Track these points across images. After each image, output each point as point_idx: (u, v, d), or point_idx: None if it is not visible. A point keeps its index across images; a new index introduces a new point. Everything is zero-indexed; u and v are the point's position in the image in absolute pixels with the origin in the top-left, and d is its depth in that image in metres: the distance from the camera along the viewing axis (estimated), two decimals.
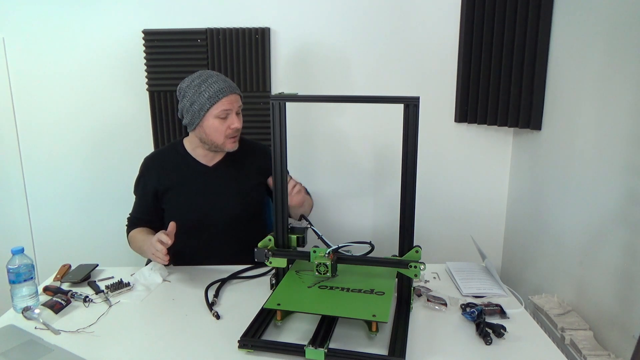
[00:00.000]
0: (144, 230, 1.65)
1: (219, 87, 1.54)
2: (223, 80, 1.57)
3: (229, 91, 1.55)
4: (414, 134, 1.16)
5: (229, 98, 1.55)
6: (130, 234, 1.68)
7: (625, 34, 1.43)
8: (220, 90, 1.54)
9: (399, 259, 1.23)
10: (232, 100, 1.56)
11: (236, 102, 1.58)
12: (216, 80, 1.55)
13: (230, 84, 1.58)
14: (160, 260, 1.39)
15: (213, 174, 1.66)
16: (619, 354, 1.40)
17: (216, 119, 1.55)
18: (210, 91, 1.53)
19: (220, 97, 1.53)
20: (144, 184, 1.68)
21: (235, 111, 1.58)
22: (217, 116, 1.55)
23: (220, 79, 1.57)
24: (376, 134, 2.23)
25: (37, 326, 1.22)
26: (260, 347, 1.10)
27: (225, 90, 1.54)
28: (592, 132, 1.59)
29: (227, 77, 1.61)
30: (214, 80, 1.55)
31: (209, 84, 1.54)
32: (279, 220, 1.32)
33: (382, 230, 2.33)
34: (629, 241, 1.40)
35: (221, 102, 1.54)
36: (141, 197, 1.69)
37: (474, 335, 1.16)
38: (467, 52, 2.07)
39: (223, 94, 1.54)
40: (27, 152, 2.26)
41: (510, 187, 2.25)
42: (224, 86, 1.55)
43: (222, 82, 1.55)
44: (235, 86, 1.59)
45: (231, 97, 1.56)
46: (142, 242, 1.56)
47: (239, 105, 1.59)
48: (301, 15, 2.11)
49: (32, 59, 2.16)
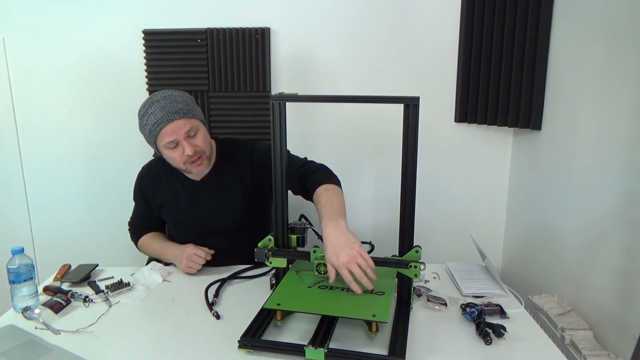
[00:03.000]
0: (158, 236, 1.69)
1: (156, 119, 1.40)
2: (161, 108, 1.40)
3: (166, 120, 1.39)
4: (414, 134, 1.16)
5: (169, 127, 1.40)
6: (141, 240, 1.70)
7: (625, 34, 1.43)
8: (157, 122, 1.40)
9: (399, 259, 1.23)
10: (175, 129, 1.40)
11: (181, 129, 1.41)
12: (154, 110, 1.40)
13: (169, 111, 1.40)
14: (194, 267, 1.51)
15: (202, 189, 1.60)
16: (619, 354, 1.40)
17: (167, 149, 1.45)
18: (150, 124, 1.41)
19: (158, 130, 1.41)
20: (142, 194, 1.67)
21: (184, 138, 1.42)
22: (166, 147, 1.44)
23: (159, 106, 1.40)
24: (376, 134, 2.23)
25: (37, 326, 1.22)
26: (260, 347, 1.10)
27: (162, 120, 1.39)
28: (592, 132, 1.59)
29: (173, 94, 1.45)
30: (152, 110, 1.40)
31: (149, 115, 1.41)
32: (279, 220, 1.32)
33: (382, 230, 2.33)
34: (629, 241, 1.40)
35: (161, 135, 1.41)
36: (140, 205, 1.70)
37: (474, 335, 1.16)
38: (467, 52, 2.07)
39: (160, 125, 1.40)
40: (27, 151, 2.26)
41: (510, 187, 2.25)
42: (161, 116, 1.39)
43: (159, 112, 1.39)
44: (176, 110, 1.41)
45: (171, 125, 1.40)
46: (160, 249, 1.62)
47: (186, 130, 1.42)
48: (301, 15, 2.11)
49: (32, 59, 2.16)
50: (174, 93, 1.46)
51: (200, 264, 1.51)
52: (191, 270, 1.51)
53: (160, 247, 1.62)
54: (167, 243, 1.64)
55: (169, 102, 1.42)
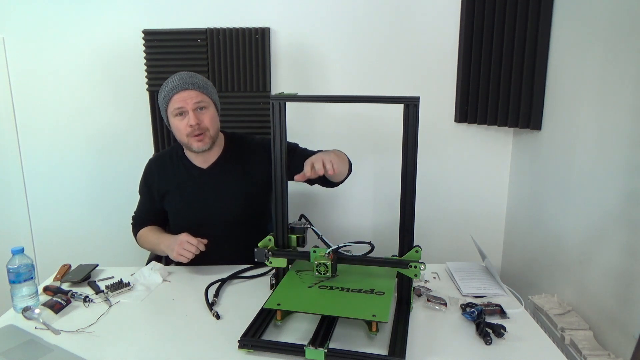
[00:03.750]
0: (155, 229, 1.68)
1: (172, 85, 1.50)
2: (180, 77, 1.51)
3: (180, 88, 1.49)
4: (414, 134, 1.16)
5: (180, 95, 1.49)
6: (140, 232, 1.70)
7: (625, 34, 1.43)
8: (171, 88, 1.49)
9: (399, 259, 1.23)
10: (185, 97, 1.49)
11: (191, 99, 1.49)
12: (172, 79, 1.51)
13: (185, 81, 1.50)
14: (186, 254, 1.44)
15: (208, 176, 1.64)
16: (619, 354, 1.40)
17: (175, 117, 1.52)
18: (164, 91, 1.51)
19: (171, 95, 1.50)
20: (147, 185, 1.69)
21: (192, 108, 1.50)
22: (174, 115, 1.52)
23: (178, 77, 1.51)
24: (376, 134, 2.23)
25: (37, 326, 1.22)
26: (260, 347, 1.10)
27: (176, 87, 1.49)
28: (592, 132, 1.59)
29: (196, 74, 1.55)
30: (170, 80, 1.52)
31: (167, 83, 1.52)
32: (279, 220, 1.32)
33: (382, 230, 2.33)
34: (629, 241, 1.40)
35: (173, 100, 1.50)
36: (145, 197, 1.72)
37: (474, 335, 1.16)
38: (467, 52, 2.07)
39: (173, 91, 1.49)
40: (27, 151, 2.26)
41: (510, 187, 2.25)
42: (177, 83, 1.49)
43: (176, 80, 1.50)
44: (192, 82, 1.51)
45: (182, 94, 1.49)
46: (156, 240, 1.60)
47: (195, 102, 1.50)
48: (301, 15, 2.11)
49: (32, 59, 2.16)
50: (198, 74, 1.57)
51: (191, 251, 1.45)
52: (182, 258, 1.45)
53: (155, 238, 1.62)
54: (162, 234, 1.65)
55: (189, 76, 1.53)
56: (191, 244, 1.45)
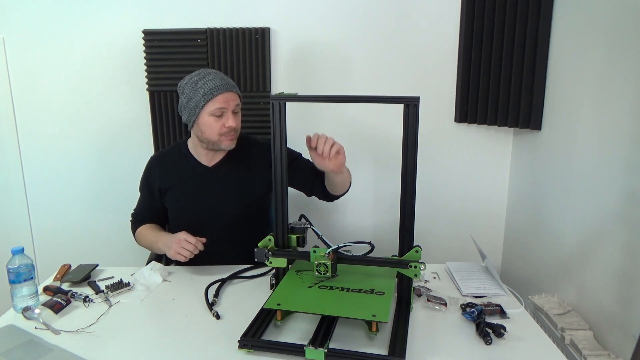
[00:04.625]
0: (153, 227, 1.68)
1: (215, 85, 1.51)
2: (220, 78, 1.54)
3: (224, 89, 1.52)
4: (414, 134, 1.16)
5: (224, 96, 1.52)
6: (138, 230, 1.70)
7: (625, 34, 1.43)
8: (216, 87, 1.51)
9: (399, 259, 1.23)
10: (228, 99, 1.53)
11: (232, 101, 1.54)
12: (213, 77, 1.53)
13: (228, 82, 1.54)
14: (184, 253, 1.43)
15: (213, 175, 1.65)
16: (619, 354, 1.40)
17: (211, 116, 1.53)
18: (205, 88, 1.51)
19: (214, 95, 1.51)
20: (148, 183, 1.69)
21: (232, 110, 1.54)
22: (211, 114, 1.52)
23: (218, 76, 1.54)
24: (376, 134, 2.23)
25: (37, 326, 1.22)
26: (260, 347, 1.10)
27: (220, 87, 1.51)
28: (592, 132, 1.59)
29: (227, 76, 1.59)
30: (211, 78, 1.52)
31: (206, 81, 1.52)
32: (279, 220, 1.32)
33: (382, 230, 2.33)
34: (629, 241, 1.40)
35: (215, 100, 1.51)
36: (145, 195, 1.71)
37: (474, 335, 1.16)
38: (467, 52, 2.07)
39: (218, 91, 1.51)
40: (27, 152, 2.26)
41: (510, 187, 2.25)
42: (220, 84, 1.52)
43: (218, 80, 1.52)
44: (233, 84, 1.56)
45: (226, 95, 1.52)
46: (154, 238, 1.60)
47: (235, 104, 1.56)
48: (301, 15, 2.11)
49: (32, 59, 2.16)
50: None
51: (189, 250, 1.43)
52: (180, 257, 1.44)
53: (153, 236, 1.61)
54: (160, 232, 1.64)
55: (225, 77, 1.57)
56: (190, 243, 1.44)
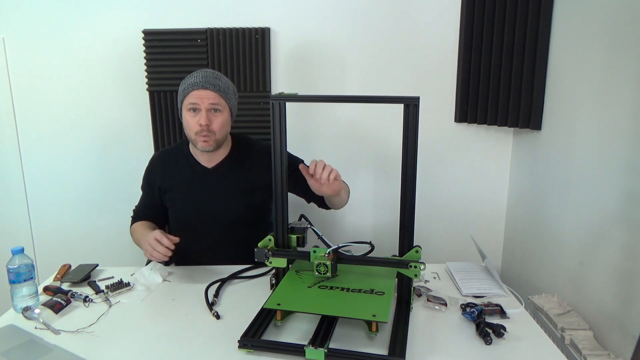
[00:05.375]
0: (145, 224, 1.67)
1: (193, 81, 1.51)
2: (203, 75, 1.52)
3: (201, 86, 1.50)
4: (414, 134, 1.16)
5: (199, 93, 1.50)
6: (133, 226, 1.70)
7: (625, 34, 1.43)
8: (193, 83, 1.51)
9: (399, 259, 1.23)
10: (202, 96, 1.50)
11: (207, 99, 1.50)
12: (196, 74, 1.53)
13: (208, 80, 1.51)
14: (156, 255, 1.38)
15: (212, 176, 1.65)
16: (619, 354, 1.40)
17: (188, 112, 1.53)
18: (186, 84, 1.53)
19: (189, 90, 1.51)
20: (149, 181, 1.69)
21: (205, 107, 1.50)
22: (188, 109, 1.52)
23: (201, 74, 1.53)
24: (376, 134, 2.23)
25: (37, 326, 1.22)
26: (260, 347, 1.10)
27: (197, 84, 1.50)
28: (592, 132, 1.59)
29: (223, 76, 1.58)
30: (194, 75, 1.53)
31: (189, 77, 1.53)
32: (279, 220, 1.32)
33: (382, 230, 2.33)
34: (629, 241, 1.40)
35: (190, 95, 1.51)
36: (146, 193, 1.72)
37: (474, 335, 1.16)
38: (467, 52, 2.07)
39: (193, 87, 1.50)
40: (27, 151, 2.26)
41: (510, 187, 2.25)
42: (198, 81, 1.51)
43: (200, 77, 1.51)
44: (213, 83, 1.52)
45: (202, 92, 1.50)
46: (140, 236, 1.57)
47: (210, 102, 1.51)
48: (301, 15, 2.11)
49: (32, 59, 2.16)
50: (224, 77, 1.58)
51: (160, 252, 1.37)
52: (153, 258, 1.40)
53: (141, 234, 1.57)
54: (148, 230, 1.58)
55: (214, 76, 1.54)
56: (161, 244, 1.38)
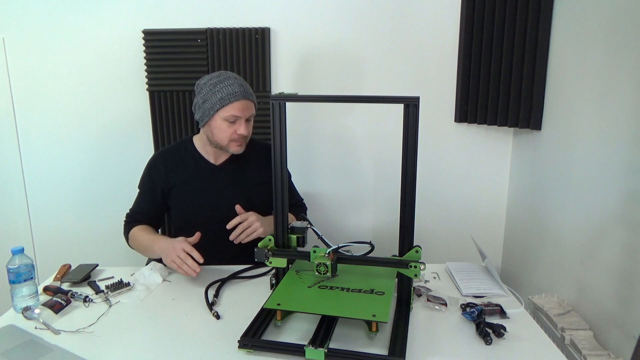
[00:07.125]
0: (147, 229, 1.64)
1: (233, 91, 1.51)
2: (239, 84, 1.54)
3: (242, 96, 1.52)
4: (414, 134, 1.16)
5: (240, 104, 1.53)
6: (131, 231, 1.66)
7: (625, 34, 1.43)
8: (233, 93, 1.51)
9: (399, 259, 1.23)
10: (243, 107, 1.53)
11: (247, 110, 1.55)
12: (232, 82, 1.53)
13: (246, 90, 1.55)
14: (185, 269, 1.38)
15: (219, 173, 1.66)
16: (619, 354, 1.40)
17: (224, 121, 1.54)
18: (223, 92, 1.52)
19: (231, 101, 1.51)
20: (151, 180, 1.66)
21: (245, 118, 1.55)
22: (225, 119, 1.53)
23: (237, 82, 1.54)
24: (376, 134, 2.23)
25: (37, 326, 1.22)
26: (260, 347, 1.10)
27: (238, 94, 1.52)
28: (592, 132, 1.59)
29: (246, 83, 1.59)
30: (230, 83, 1.53)
31: (224, 85, 1.52)
32: (279, 220, 1.32)
33: (382, 230, 2.33)
34: (629, 241, 1.40)
35: (231, 106, 1.52)
36: (146, 192, 1.68)
37: (474, 335, 1.16)
38: (467, 52, 2.08)
39: (235, 98, 1.51)
40: (27, 151, 2.26)
41: (510, 187, 2.25)
42: (239, 90, 1.52)
43: (237, 86, 1.53)
44: (251, 92, 1.57)
45: (243, 102, 1.53)
46: (148, 241, 1.56)
47: (250, 113, 1.57)
48: (301, 15, 2.11)
49: (32, 59, 2.16)
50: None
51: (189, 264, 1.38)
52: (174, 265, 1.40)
53: (149, 239, 1.57)
54: (157, 235, 1.62)
55: (244, 83, 1.57)
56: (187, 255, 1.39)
